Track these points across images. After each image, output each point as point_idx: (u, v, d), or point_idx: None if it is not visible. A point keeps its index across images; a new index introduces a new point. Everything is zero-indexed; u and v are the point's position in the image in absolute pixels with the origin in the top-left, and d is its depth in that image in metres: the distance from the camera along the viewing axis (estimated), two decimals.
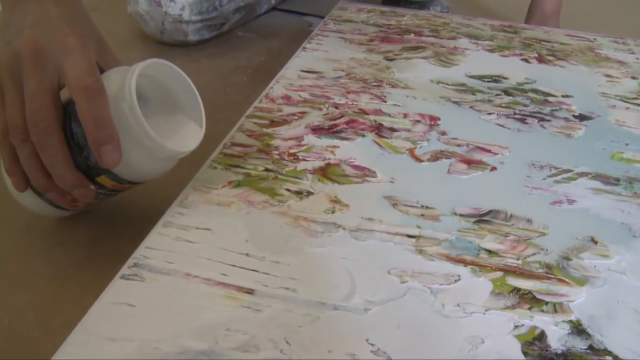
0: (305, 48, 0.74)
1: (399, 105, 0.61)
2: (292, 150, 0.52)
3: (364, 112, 0.59)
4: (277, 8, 1.07)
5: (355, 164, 0.50)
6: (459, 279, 0.39)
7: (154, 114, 0.42)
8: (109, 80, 0.40)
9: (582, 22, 1.10)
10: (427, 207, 0.46)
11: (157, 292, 0.37)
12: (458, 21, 0.89)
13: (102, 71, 0.42)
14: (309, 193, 0.47)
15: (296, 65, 0.69)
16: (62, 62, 0.39)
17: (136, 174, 0.42)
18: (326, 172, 0.49)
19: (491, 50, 0.78)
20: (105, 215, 0.53)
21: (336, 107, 0.59)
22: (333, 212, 0.45)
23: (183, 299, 0.37)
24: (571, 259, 0.42)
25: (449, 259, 0.41)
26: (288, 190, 0.47)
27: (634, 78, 0.73)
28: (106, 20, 1.01)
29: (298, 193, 0.46)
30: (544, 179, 0.51)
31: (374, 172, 0.50)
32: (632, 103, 0.66)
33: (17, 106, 0.39)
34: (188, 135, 0.44)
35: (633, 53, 0.81)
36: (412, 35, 0.82)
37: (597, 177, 0.52)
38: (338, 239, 0.42)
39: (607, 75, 0.73)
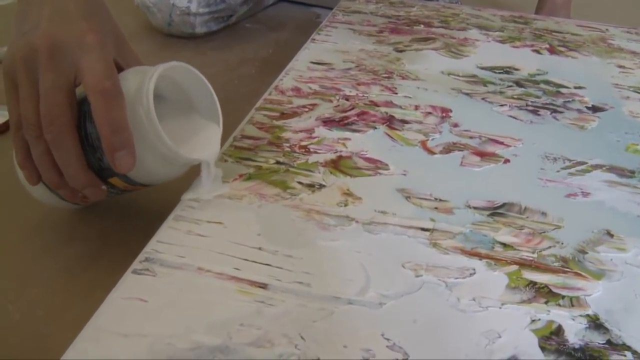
0: (314, 39, 0.74)
1: (410, 97, 0.60)
2: (303, 143, 0.51)
3: (374, 104, 0.58)
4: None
5: (367, 156, 0.50)
6: (474, 273, 0.39)
7: (170, 115, 0.42)
8: (126, 81, 0.39)
9: (594, 13, 1.09)
10: (440, 200, 0.45)
11: (169, 287, 0.37)
12: (467, 12, 0.88)
13: (119, 68, 0.41)
14: (321, 186, 0.46)
15: (305, 57, 0.69)
16: (80, 61, 0.38)
17: (149, 177, 0.42)
18: (338, 165, 0.48)
19: (502, 42, 0.78)
20: (116, 208, 0.52)
21: (347, 99, 0.59)
22: (346, 205, 0.44)
23: (195, 294, 0.36)
24: (587, 252, 0.41)
25: (464, 252, 0.40)
26: (300, 183, 0.46)
27: None
28: (112, 11, 1.00)
29: (310, 186, 0.46)
30: (558, 171, 0.50)
31: (387, 165, 0.49)
32: None
33: (31, 102, 0.38)
34: (204, 140, 0.43)
35: None
36: (422, 26, 0.81)
37: (611, 169, 0.51)
38: (351, 232, 0.42)
39: (620, 66, 0.72)
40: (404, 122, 0.56)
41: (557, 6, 0.96)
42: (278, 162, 0.49)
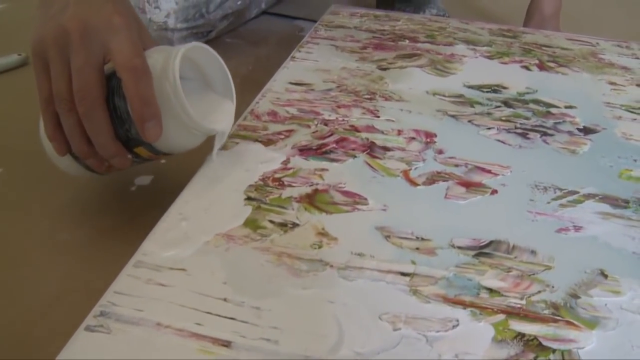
0: (294, 57, 0.71)
1: (393, 121, 0.57)
2: (277, 175, 0.48)
3: (355, 129, 0.55)
4: (267, 12, 1.03)
5: (345, 189, 0.47)
6: (458, 324, 0.36)
7: (188, 91, 0.43)
8: (151, 59, 0.42)
9: (582, 24, 1.06)
10: (422, 239, 0.42)
11: (124, 346, 0.33)
12: (455, 25, 0.85)
13: None
14: (294, 225, 0.43)
15: (284, 77, 0.65)
16: (109, 41, 0.41)
17: (172, 146, 0.45)
18: (313, 200, 0.45)
19: (490, 57, 0.75)
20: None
21: (325, 124, 0.56)
22: (320, 247, 0.41)
23: (153, 354, 0.33)
24: (579, 297, 0.38)
25: (447, 300, 0.37)
26: (271, 222, 0.43)
27: (639, 86, 0.69)
28: None
29: (282, 225, 0.43)
30: (549, 202, 0.47)
31: (365, 199, 0.46)
32: (639, 114, 0.63)
33: (63, 79, 0.41)
34: (220, 113, 0.47)
35: (637, 58, 0.77)
36: (407, 41, 0.78)
37: (604, 199, 0.48)
38: (325, 279, 0.38)
39: (612, 83, 0.69)
40: (386, 149, 0.52)
41: (546, 17, 0.93)
42: (249, 198, 0.45)
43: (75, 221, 0.53)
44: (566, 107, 0.63)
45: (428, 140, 0.54)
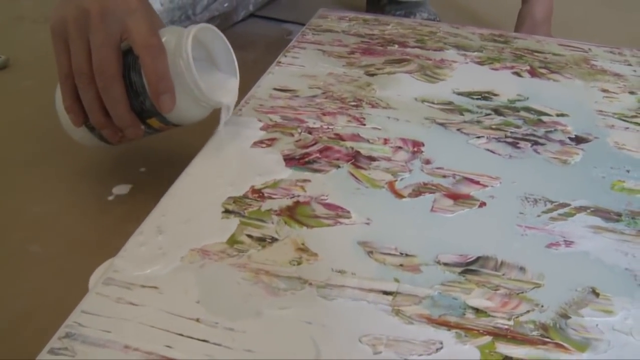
0: (280, 63, 0.69)
1: (379, 129, 0.56)
2: (257, 187, 0.46)
3: (340, 137, 0.53)
4: (255, 15, 1.01)
5: (327, 201, 0.45)
6: (442, 347, 0.34)
7: (197, 69, 0.47)
8: (164, 39, 0.46)
9: (573, 28, 1.05)
10: (406, 255, 0.40)
11: None
12: (445, 30, 0.84)
13: None
14: (273, 240, 0.41)
15: (268, 83, 0.64)
16: (127, 22, 0.45)
17: (182, 118, 0.49)
18: (294, 213, 0.43)
19: (480, 63, 0.73)
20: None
21: (309, 133, 0.54)
22: (299, 263, 0.39)
23: None
24: (570, 317, 0.37)
25: (430, 321, 0.35)
26: (249, 236, 0.41)
27: (632, 93, 0.68)
28: None
29: (260, 240, 0.41)
30: (539, 215, 0.46)
31: (348, 212, 0.44)
32: (631, 122, 0.61)
33: (83, 56, 0.45)
34: (226, 89, 0.52)
35: (630, 65, 0.75)
36: (396, 46, 0.76)
37: (596, 211, 0.47)
38: (303, 298, 0.37)
39: (604, 90, 0.68)
40: (371, 159, 0.51)
41: (537, 22, 0.91)
42: (227, 211, 0.43)
43: (47, 233, 0.51)
44: (558, 115, 0.61)
45: (415, 149, 0.53)
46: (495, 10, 1.15)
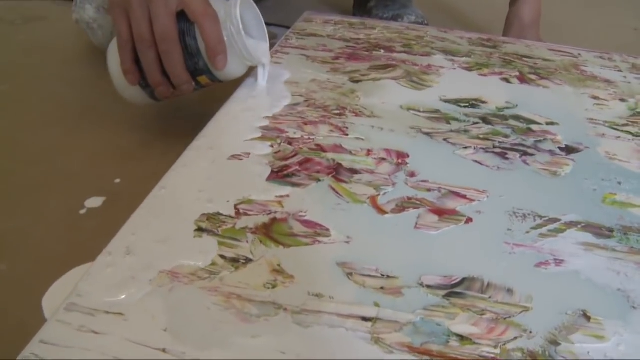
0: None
1: (362, 139, 0.53)
2: (232, 202, 0.44)
3: (321, 148, 0.51)
4: None
5: (305, 218, 0.43)
6: None
7: None
8: (214, 6, 0.55)
9: (563, 31, 1.03)
10: (388, 277, 0.38)
11: None
12: (433, 34, 0.82)
13: None
14: (247, 260, 0.39)
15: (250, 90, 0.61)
16: None
17: (227, 75, 0.58)
18: (270, 231, 0.41)
19: (469, 69, 0.71)
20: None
21: (289, 144, 0.51)
22: (274, 286, 0.37)
23: None
24: (560, 344, 0.35)
25: (412, 350, 0.33)
26: (222, 256, 0.39)
27: (622, 100, 0.66)
28: (53, 30, 0.92)
29: (234, 261, 0.39)
30: (528, 232, 0.44)
31: (328, 230, 0.42)
32: (622, 131, 0.59)
33: (145, 23, 0.52)
34: (261, 51, 0.60)
35: (620, 71, 0.74)
36: (382, 51, 0.74)
37: (587, 227, 0.45)
38: (277, 325, 0.34)
39: (595, 97, 0.66)
40: (353, 171, 0.48)
41: (526, 25, 0.90)
42: (200, 229, 0.41)
43: (13, 249, 0.48)
44: (547, 124, 0.59)
45: (399, 161, 0.51)
46: (485, 12, 1.13)
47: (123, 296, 0.36)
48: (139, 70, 0.56)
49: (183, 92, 0.57)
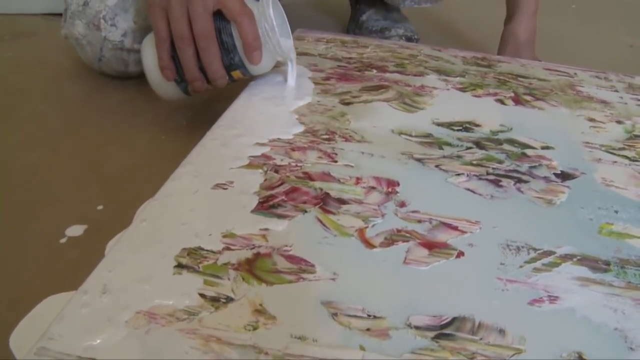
0: (250, 88, 0.65)
1: (352, 166, 0.52)
2: (215, 236, 0.42)
3: (309, 177, 0.50)
4: None
5: (290, 253, 0.41)
6: None
7: None
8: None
9: (559, 48, 1.02)
10: (374, 317, 0.37)
11: None
12: (427, 53, 0.80)
13: None
14: (228, 299, 0.37)
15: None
16: None
17: (259, 69, 0.63)
18: (253, 267, 0.39)
19: (462, 89, 0.70)
20: None
21: (276, 171, 0.50)
22: (255, 328, 0.35)
23: None
24: None
25: None
26: (202, 295, 0.37)
27: (619, 122, 0.65)
28: (42, 47, 0.91)
29: (214, 300, 0.37)
30: (521, 266, 0.42)
31: (313, 266, 0.40)
32: (619, 155, 0.58)
33: (184, 22, 0.56)
34: (288, 47, 0.64)
35: (616, 91, 0.72)
36: (375, 71, 0.73)
37: (583, 260, 0.43)
38: None
39: (591, 119, 0.65)
40: (341, 202, 0.47)
41: (521, 44, 0.89)
42: (180, 265, 0.39)
43: None
44: (543, 148, 0.58)
45: (389, 189, 0.49)
46: (480, 31, 1.12)
47: (98, 340, 0.34)
48: (175, 67, 0.60)
49: (217, 86, 0.62)
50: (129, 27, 0.77)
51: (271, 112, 0.60)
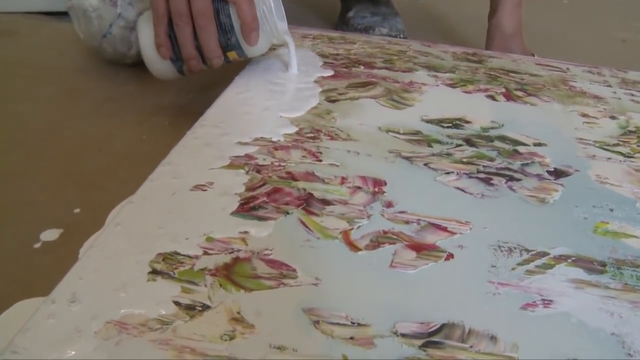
0: (234, 86, 0.63)
1: (337, 165, 0.50)
2: (192, 240, 0.40)
3: (292, 176, 0.48)
4: None
5: (270, 257, 0.39)
6: None
7: None
8: None
9: (551, 43, 1.01)
10: (358, 325, 0.35)
11: None
12: (416, 48, 0.78)
13: None
14: (204, 307, 0.35)
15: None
16: None
17: (255, 51, 0.63)
18: (231, 273, 0.37)
19: (452, 85, 0.68)
20: None
21: (258, 171, 0.48)
22: (232, 338, 0.33)
23: None
24: None
25: None
26: (177, 303, 0.35)
27: (613, 118, 0.63)
28: (22, 46, 0.89)
29: (189, 308, 0.35)
30: (513, 268, 0.40)
31: (294, 271, 0.38)
32: (613, 151, 0.56)
33: (183, 1, 0.56)
34: (283, 30, 0.64)
35: (610, 86, 0.71)
36: (362, 67, 0.71)
37: (578, 261, 0.41)
38: None
39: (584, 115, 0.63)
40: (325, 202, 0.45)
41: (507, 36, 0.87)
42: (154, 271, 0.37)
43: None
44: (535, 145, 0.56)
45: (376, 189, 0.47)
46: (471, 24, 1.10)
47: (65, 354, 0.32)
48: (171, 45, 0.60)
49: (212, 66, 0.62)
50: (145, 8, 0.75)
51: (262, 113, 0.58)
